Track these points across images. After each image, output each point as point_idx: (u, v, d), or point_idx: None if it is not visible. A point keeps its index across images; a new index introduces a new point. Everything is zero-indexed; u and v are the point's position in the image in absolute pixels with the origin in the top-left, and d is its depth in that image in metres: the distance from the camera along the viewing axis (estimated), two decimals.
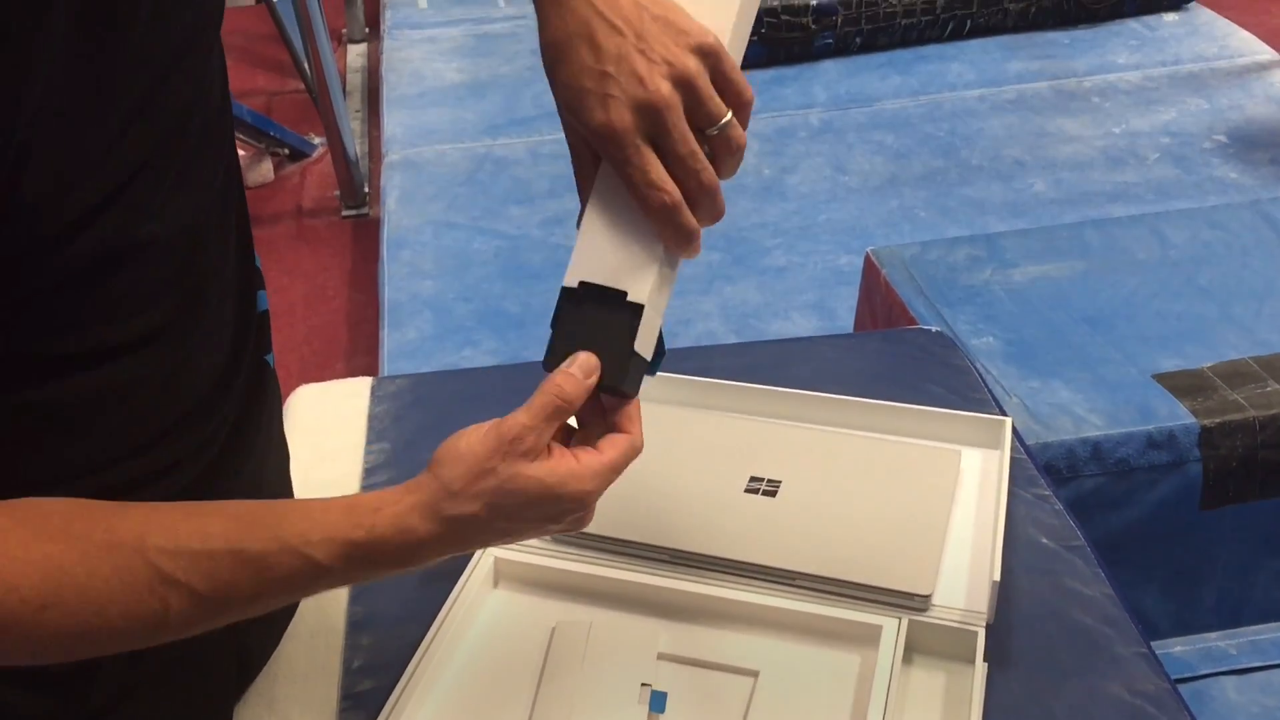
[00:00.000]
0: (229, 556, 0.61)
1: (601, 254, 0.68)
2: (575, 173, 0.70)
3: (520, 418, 0.65)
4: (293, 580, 0.63)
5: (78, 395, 0.65)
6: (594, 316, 0.68)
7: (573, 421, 0.71)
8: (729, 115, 0.65)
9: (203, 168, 0.71)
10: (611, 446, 0.67)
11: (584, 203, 0.70)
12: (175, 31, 0.65)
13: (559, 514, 0.66)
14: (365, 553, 0.63)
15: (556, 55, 0.66)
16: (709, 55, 0.65)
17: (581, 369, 0.67)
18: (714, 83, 0.65)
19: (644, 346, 0.69)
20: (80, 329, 0.63)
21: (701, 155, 0.65)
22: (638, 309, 0.68)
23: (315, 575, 0.63)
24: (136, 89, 0.62)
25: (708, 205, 0.67)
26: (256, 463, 0.84)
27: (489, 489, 0.64)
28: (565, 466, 0.65)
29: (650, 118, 0.64)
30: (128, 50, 0.61)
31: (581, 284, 0.69)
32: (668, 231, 0.67)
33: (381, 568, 0.65)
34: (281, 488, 0.92)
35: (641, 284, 0.68)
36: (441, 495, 0.64)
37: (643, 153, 0.64)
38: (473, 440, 0.65)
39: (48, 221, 0.59)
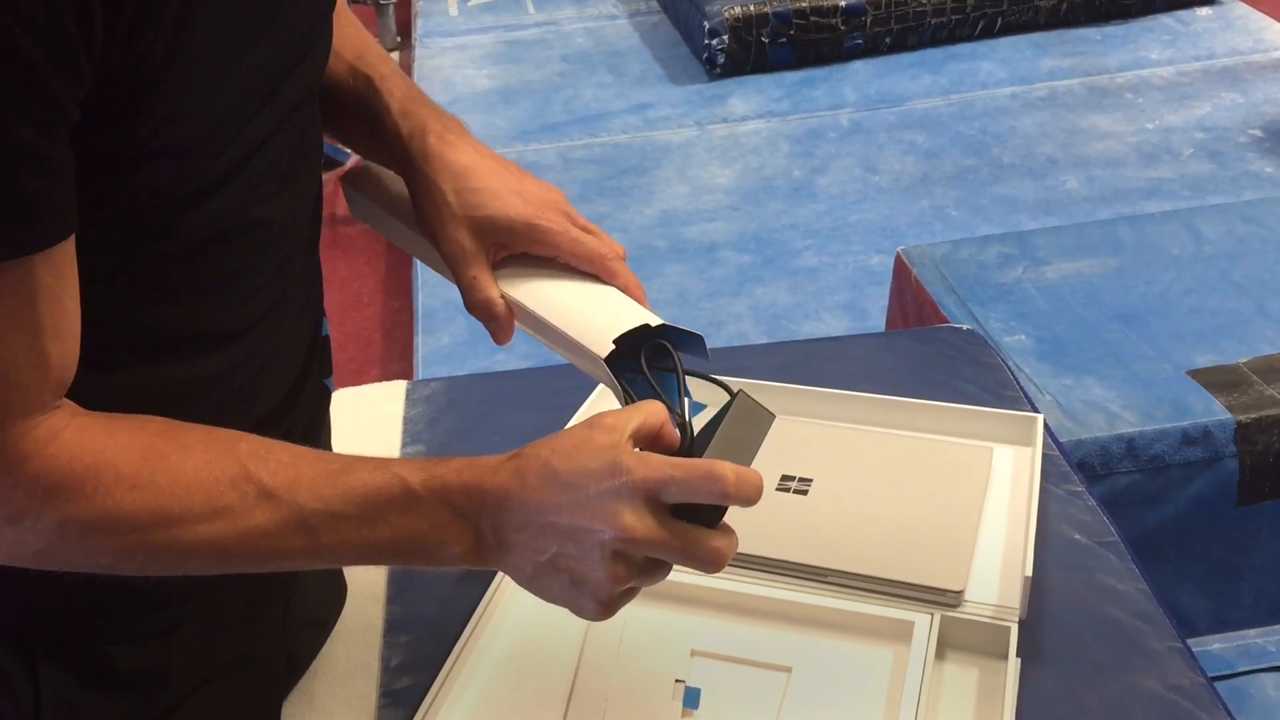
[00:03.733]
0: (315, 462, 0.63)
1: (594, 319, 0.74)
2: (461, 270, 0.78)
3: (599, 425, 0.64)
4: (376, 501, 0.62)
5: (170, 383, 0.69)
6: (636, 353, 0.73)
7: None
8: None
9: (307, 162, 0.75)
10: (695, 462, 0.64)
11: (485, 298, 0.78)
12: (317, 16, 0.69)
13: (608, 471, 0.60)
14: (440, 474, 0.63)
15: (461, 179, 0.77)
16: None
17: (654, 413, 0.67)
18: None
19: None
20: (185, 305, 0.68)
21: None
22: (660, 327, 0.74)
23: (398, 494, 0.63)
24: (277, 65, 0.67)
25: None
26: None
27: (559, 444, 0.63)
28: (634, 445, 0.64)
29: (563, 210, 0.77)
30: (281, 23, 0.66)
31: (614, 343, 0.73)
32: (624, 273, 0.77)
33: (455, 508, 0.63)
34: None
35: (643, 313, 0.75)
36: (520, 457, 0.64)
37: (565, 222, 0.77)
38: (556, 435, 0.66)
39: (181, 179, 0.62)
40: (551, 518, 0.61)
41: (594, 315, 0.75)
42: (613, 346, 0.72)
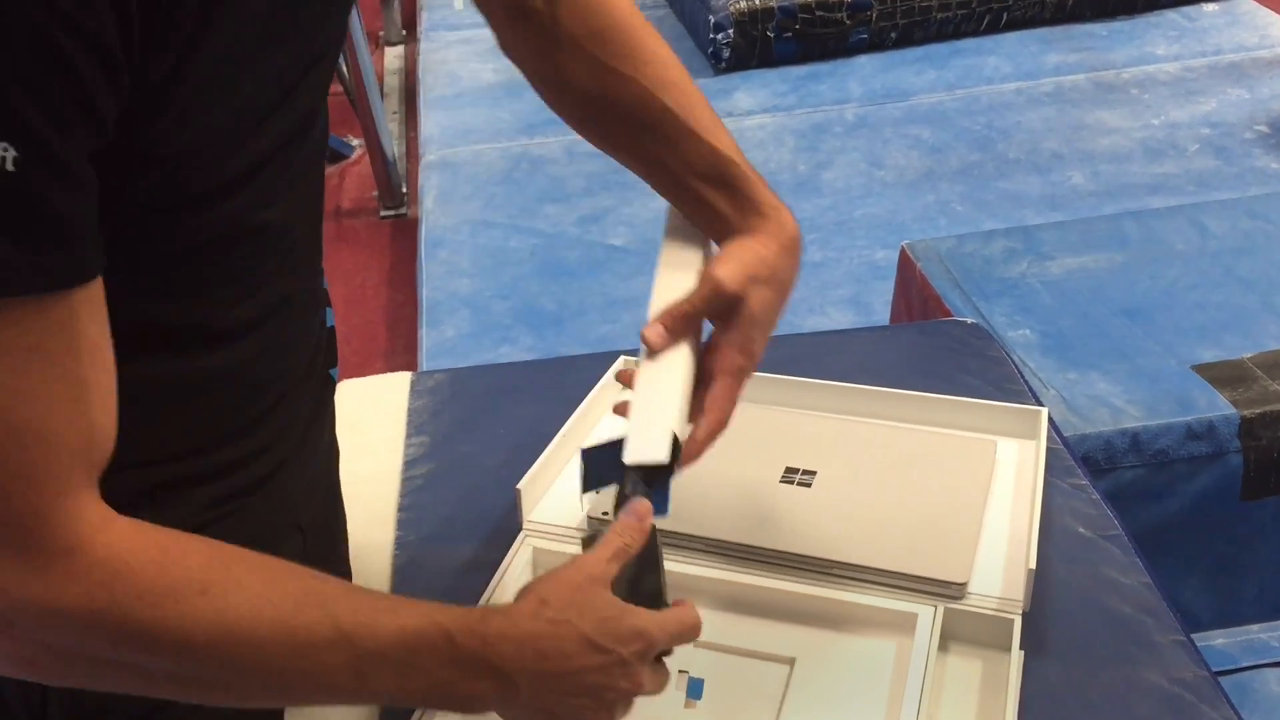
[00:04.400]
0: (372, 603, 0.63)
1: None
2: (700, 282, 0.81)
3: (591, 561, 0.70)
4: (421, 645, 0.63)
5: (174, 377, 0.68)
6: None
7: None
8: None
9: (313, 168, 0.74)
10: (678, 610, 0.72)
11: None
12: (334, 21, 0.69)
13: (634, 635, 0.68)
14: (481, 630, 0.64)
15: (773, 281, 0.81)
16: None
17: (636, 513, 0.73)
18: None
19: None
20: (189, 302, 0.67)
21: None
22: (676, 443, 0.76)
23: (442, 644, 0.63)
24: (293, 70, 0.66)
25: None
26: (320, 461, 0.88)
27: (584, 599, 0.68)
28: (650, 614, 0.70)
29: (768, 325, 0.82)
30: (299, 28, 0.65)
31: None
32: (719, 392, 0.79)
33: (490, 660, 0.65)
34: (333, 485, 0.94)
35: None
36: (537, 602, 0.67)
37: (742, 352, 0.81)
38: (553, 573, 0.70)
39: (200, 178, 0.61)
40: (585, 679, 0.67)
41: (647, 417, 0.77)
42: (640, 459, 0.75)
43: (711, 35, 2.85)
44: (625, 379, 0.82)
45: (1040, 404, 1.13)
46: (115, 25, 0.51)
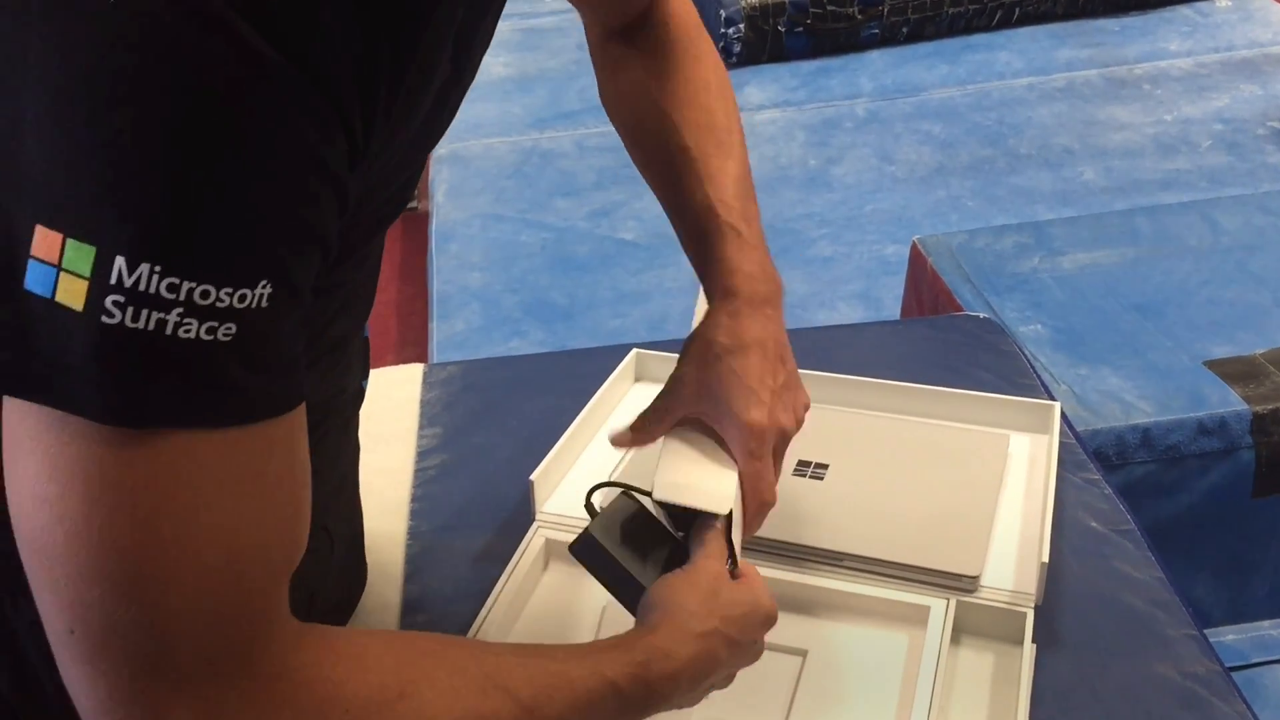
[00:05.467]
0: (544, 669, 0.63)
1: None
2: (663, 397, 0.81)
3: (713, 562, 0.73)
4: (594, 702, 0.64)
5: None
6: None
7: None
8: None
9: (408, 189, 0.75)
10: (749, 568, 0.76)
11: (645, 433, 0.82)
12: (467, 80, 0.69)
13: (764, 621, 0.73)
14: (644, 675, 0.66)
15: (733, 346, 0.78)
16: (800, 423, 0.82)
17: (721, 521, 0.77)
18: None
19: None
20: (317, 325, 0.66)
21: None
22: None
23: (610, 697, 0.64)
24: (416, 166, 0.69)
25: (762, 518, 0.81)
26: (347, 459, 0.89)
27: (721, 604, 0.71)
28: (755, 583, 0.74)
29: (781, 440, 0.79)
30: (438, 133, 0.68)
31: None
32: (752, 520, 0.80)
33: (654, 697, 0.67)
34: (356, 485, 0.94)
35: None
36: (685, 619, 0.69)
37: (771, 458, 0.78)
38: (680, 582, 0.72)
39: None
40: (729, 668, 0.72)
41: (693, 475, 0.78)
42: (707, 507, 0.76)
43: (722, 30, 2.85)
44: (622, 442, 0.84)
45: (1052, 398, 1.13)
46: (346, 157, 0.52)
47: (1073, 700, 0.83)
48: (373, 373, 1.26)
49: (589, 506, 0.78)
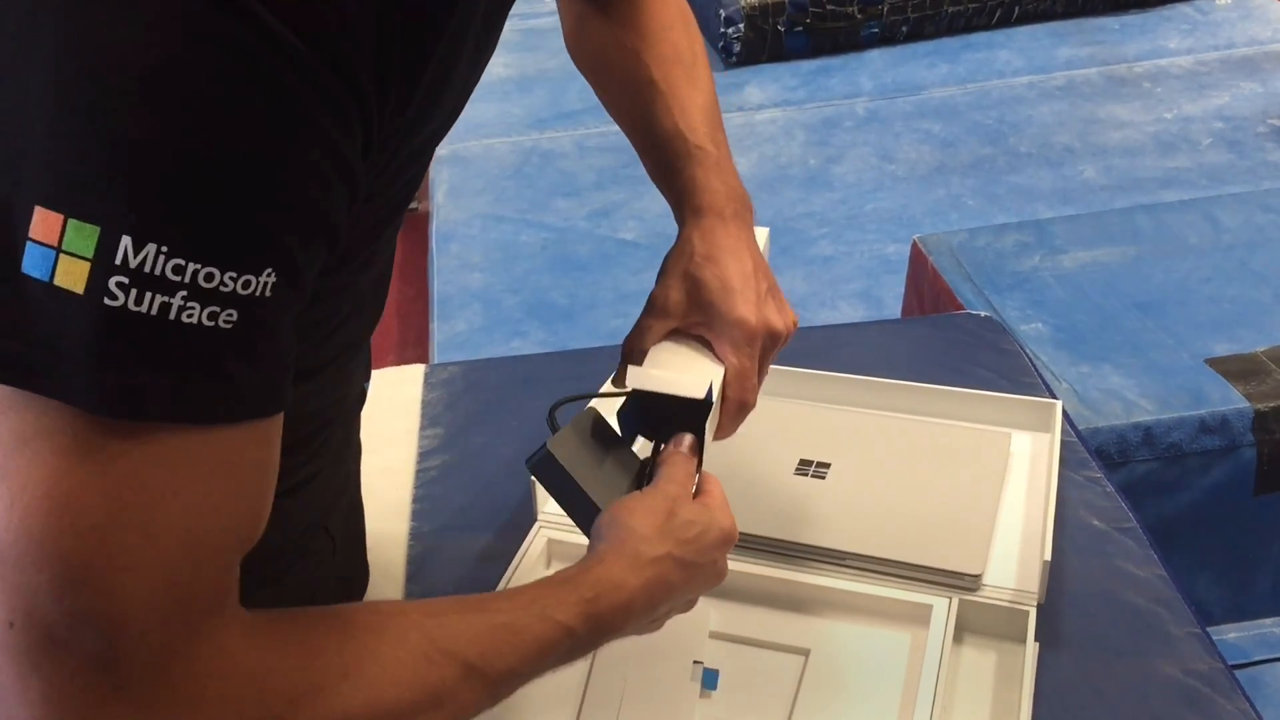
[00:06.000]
0: (490, 624, 0.62)
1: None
2: (647, 314, 0.81)
3: (674, 486, 0.72)
4: (544, 648, 0.63)
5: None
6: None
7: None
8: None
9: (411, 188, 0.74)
10: (711, 484, 0.75)
11: (638, 348, 0.80)
12: (480, 69, 0.68)
13: (720, 540, 0.71)
14: (594, 611, 0.65)
15: (711, 254, 0.78)
16: (790, 332, 0.81)
17: (689, 446, 0.76)
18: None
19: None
20: (325, 330, 0.66)
21: None
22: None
23: (562, 639, 0.64)
24: (431, 151, 0.67)
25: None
26: (349, 460, 0.89)
27: (675, 526, 0.69)
28: (713, 500, 0.73)
29: (770, 340, 0.78)
30: (458, 111, 0.66)
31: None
32: (730, 421, 0.79)
33: (606, 630, 0.66)
34: (357, 485, 0.94)
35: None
36: (635, 544, 0.68)
37: (758, 359, 0.77)
38: (635, 504, 0.70)
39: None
40: (686, 591, 0.71)
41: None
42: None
43: (722, 29, 2.85)
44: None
45: (1054, 397, 1.13)
46: (360, 147, 0.52)
47: (1075, 699, 0.83)
48: (374, 374, 1.26)
49: (551, 422, 0.75)
